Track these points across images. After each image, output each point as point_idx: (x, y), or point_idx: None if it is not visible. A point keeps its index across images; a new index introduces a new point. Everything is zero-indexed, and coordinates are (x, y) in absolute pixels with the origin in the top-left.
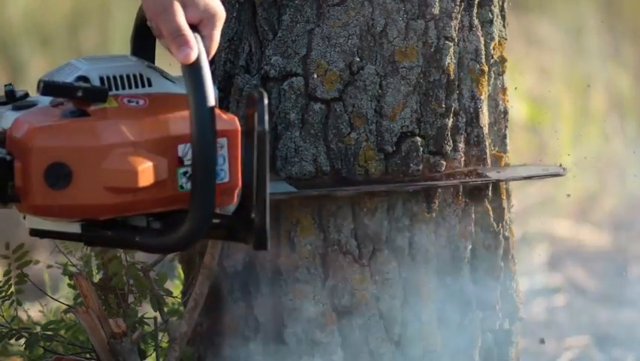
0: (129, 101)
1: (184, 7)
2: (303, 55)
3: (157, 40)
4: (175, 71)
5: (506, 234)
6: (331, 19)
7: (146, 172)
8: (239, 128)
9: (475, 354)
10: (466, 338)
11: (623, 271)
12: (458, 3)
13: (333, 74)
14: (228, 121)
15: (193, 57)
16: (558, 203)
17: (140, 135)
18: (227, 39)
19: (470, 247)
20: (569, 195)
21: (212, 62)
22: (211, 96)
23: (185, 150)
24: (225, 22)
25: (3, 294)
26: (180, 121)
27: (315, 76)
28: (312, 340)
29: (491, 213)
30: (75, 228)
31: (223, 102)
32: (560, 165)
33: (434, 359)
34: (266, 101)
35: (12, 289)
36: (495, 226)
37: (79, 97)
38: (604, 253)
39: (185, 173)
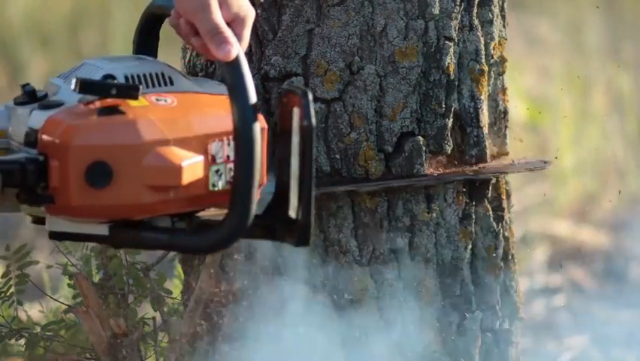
0: (158, 100)
1: (220, 6)
2: (303, 55)
3: (158, 41)
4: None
5: (506, 234)
6: (331, 19)
7: (189, 169)
8: (266, 125)
9: (475, 354)
10: (466, 338)
11: (623, 271)
12: (458, 3)
13: (333, 74)
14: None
15: (234, 54)
16: (558, 203)
17: (177, 133)
18: None
19: (470, 247)
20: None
21: (212, 62)
22: (253, 93)
23: (217, 148)
24: None
25: (3, 294)
26: (211, 119)
27: (316, 76)
28: (312, 339)
29: (491, 213)
30: (102, 230)
31: None
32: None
33: (434, 359)
34: (311, 97)
35: (12, 289)
36: (495, 225)
37: (113, 95)
38: (604, 253)
39: (217, 171)
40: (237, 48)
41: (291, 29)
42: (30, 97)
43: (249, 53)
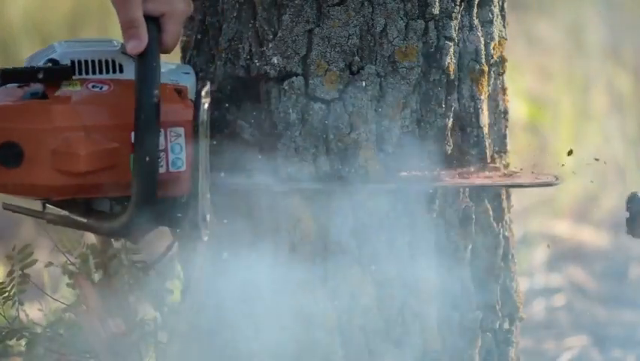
0: (93, 86)
1: (145, 1)
2: (303, 55)
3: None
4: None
5: (506, 234)
6: (331, 19)
7: (91, 156)
8: (191, 119)
9: (475, 354)
10: (466, 338)
11: (623, 271)
12: (458, 3)
13: (333, 74)
14: (186, 111)
15: (140, 49)
16: (558, 203)
17: (94, 120)
18: (228, 39)
19: (470, 247)
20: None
21: (212, 61)
22: (155, 87)
23: None
24: (225, 22)
25: (6, 294)
26: None
27: (316, 76)
28: (312, 340)
29: (491, 213)
30: (39, 206)
31: (221, 102)
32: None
33: (434, 359)
34: (203, 92)
35: (14, 289)
36: (495, 225)
37: (40, 79)
38: (604, 253)
39: None
40: (146, 43)
41: (291, 29)
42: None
43: (249, 53)
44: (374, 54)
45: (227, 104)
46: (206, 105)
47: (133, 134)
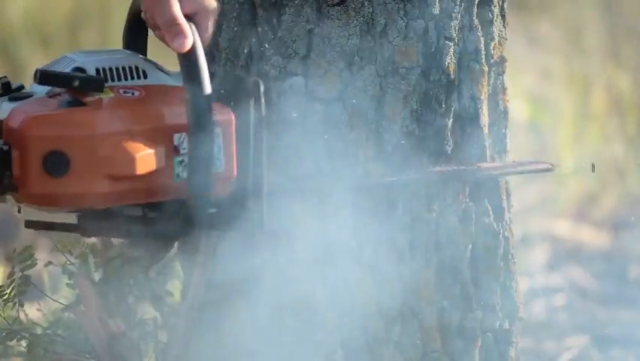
0: (125, 92)
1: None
2: (303, 55)
3: (149, 34)
4: (167, 64)
5: (506, 234)
6: (331, 19)
7: (143, 159)
8: (233, 118)
9: (475, 354)
10: (466, 338)
11: (623, 271)
12: (458, 3)
13: (333, 74)
14: (223, 111)
15: (187, 46)
16: (558, 203)
17: (137, 124)
18: (228, 39)
19: (470, 247)
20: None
21: (212, 61)
22: (207, 84)
23: (180, 139)
24: (225, 22)
25: (6, 296)
26: (176, 111)
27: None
28: (312, 340)
29: (491, 213)
30: (72, 218)
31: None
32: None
33: (434, 359)
34: (262, 88)
35: (14, 291)
36: (495, 225)
37: (75, 87)
38: (604, 253)
39: (181, 162)
40: (192, 40)
41: (291, 29)
42: (4, 89)
43: (249, 53)
44: (374, 54)
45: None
46: (263, 103)
47: (175, 136)
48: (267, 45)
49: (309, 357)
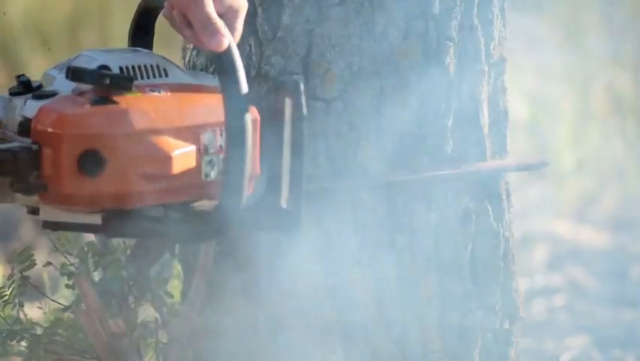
0: (152, 90)
1: None
2: (303, 55)
3: (154, 36)
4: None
5: (506, 234)
6: (331, 19)
7: (178, 158)
8: (258, 117)
9: (475, 354)
10: (466, 338)
11: (623, 271)
12: (458, 3)
13: (333, 74)
14: (251, 110)
15: (225, 44)
16: (558, 203)
17: (169, 122)
18: None
19: (470, 247)
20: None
21: (211, 62)
22: (244, 84)
23: (210, 139)
24: None
25: (6, 298)
26: (204, 110)
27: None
28: (312, 340)
29: (491, 213)
30: (96, 219)
31: None
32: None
33: (434, 359)
34: (302, 87)
35: (14, 292)
36: (495, 225)
37: (106, 85)
38: (604, 253)
39: (210, 161)
40: (229, 39)
41: (291, 29)
42: (25, 87)
43: (249, 53)
44: (374, 54)
45: None
46: (304, 102)
47: (204, 135)
48: (267, 45)
49: (309, 357)
